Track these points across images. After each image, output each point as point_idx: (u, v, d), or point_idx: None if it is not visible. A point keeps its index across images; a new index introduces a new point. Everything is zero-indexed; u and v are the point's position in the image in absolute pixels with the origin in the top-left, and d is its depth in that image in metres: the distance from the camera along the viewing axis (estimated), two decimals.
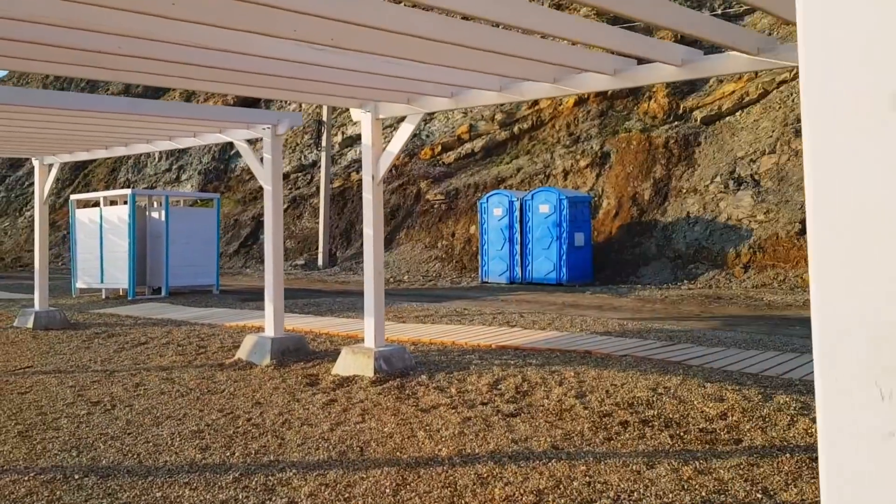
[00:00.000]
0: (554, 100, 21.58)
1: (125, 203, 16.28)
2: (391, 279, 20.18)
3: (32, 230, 40.01)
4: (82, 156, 11.12)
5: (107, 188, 38.15)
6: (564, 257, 16.58)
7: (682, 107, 20.11)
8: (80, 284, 16.41)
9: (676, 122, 19.84)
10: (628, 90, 20.72)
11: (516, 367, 7.41)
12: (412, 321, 11.45)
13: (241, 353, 8.35)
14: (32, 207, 42.92)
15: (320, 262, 23.46)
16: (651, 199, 18.51)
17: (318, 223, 25.22)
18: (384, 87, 6.88)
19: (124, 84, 38.65)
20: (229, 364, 8.22)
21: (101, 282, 15.85)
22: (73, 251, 16.54)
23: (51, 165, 11.74)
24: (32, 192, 44.51)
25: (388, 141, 7.70)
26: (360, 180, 25.48)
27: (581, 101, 21.56)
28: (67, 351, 9.49)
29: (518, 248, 17.40)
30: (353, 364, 7.29)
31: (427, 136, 25.19)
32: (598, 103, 21.33)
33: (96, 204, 16.76)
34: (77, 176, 41.08)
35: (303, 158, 28.49)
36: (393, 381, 6.98)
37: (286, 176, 28.55)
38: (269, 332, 8.37)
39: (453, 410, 5.95)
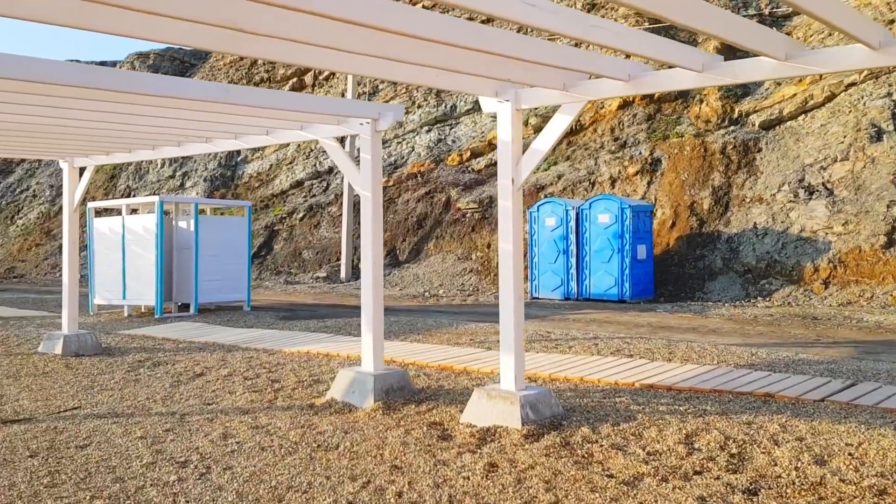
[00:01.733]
0: (594, 103, 20.36)
1: (149, 211, 14.84)
2: (425, 293, 18.84)
3: (26, 238, 38.31)
4: (120, 157, 9.71)
5: (106, 196, 36.42)
6: (627, 271, 15.30)
7: (737, 110, 18.94)
8: (98, 300, 14.93)
9: (732, 127, 18.66)
10: (677, 93, 19.56)
11: (693, 415, 6.09)
12: (497, 348, 10.10)
13: (335, 393, 6.97)
14: (25, 215, 41.23)
15: (343, 274, 22.06)
16: (711, 208, 17.29)
17: (338, 233, 23.84)
18: (533, 68, 5.57)
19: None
20: (322, 406, 6.85)
21: (124, 298, 14.38)
22: (90, 264, 15.05)
23: (82, 169, 10.32)
24: (25, 199, 42.78)
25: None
26: (383, 188, 24.10)
27: (626, 104, 20.35)
28: (114, 385, 8.06)
29: (574, 260, 16.10)
30: (491, 411, 5.94)
31: (454, 142, 23.89)
32: (645, 106, 20.14)
33: (105, 210, 15.28)
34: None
35: (318, 165, 27.10)
36: (549, 436, 5.64)
37: (300, 183, 27.16)
38: (368, 366, 7.00)
39: (666, 484, 4.62)
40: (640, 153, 19.11)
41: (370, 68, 5.40)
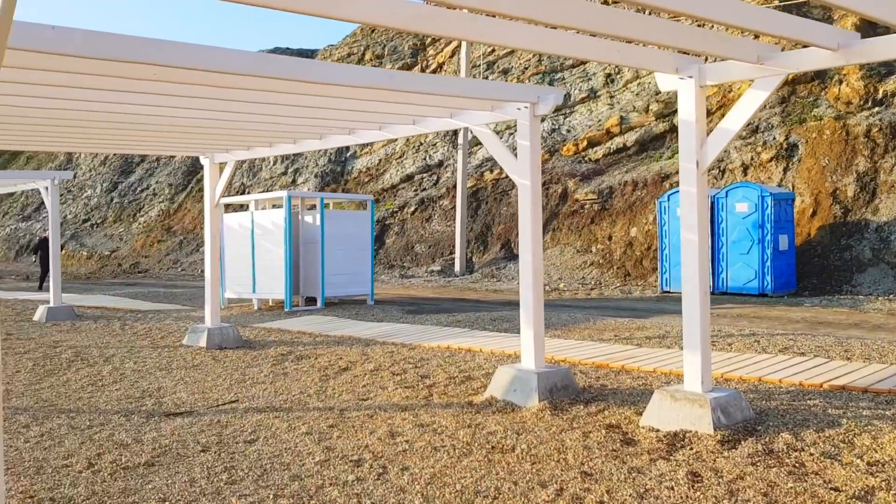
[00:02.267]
0: (721, 86, 19.32)
1: (274, 206, 15.02)
2: (546, 287, 18.38)
3: (148, 235, 40.12)
4: (261, 152, 9.74)
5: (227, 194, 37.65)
6: (768, 263, 14.38)
7: (881, 90, 17.54)
8: (228, 294, 15.24)
9: (877, 109, 17.30)
10: (813, 74, 18.30)
11: None
12: (648, 344, 9.58)
13: (495, 391, 6.67)
14: (146, 213, 43.21)
15: (457, 268, 21.86)
16: (856, 195, 16.07)
17: (450, 227, 23.68)
18: (721, 39, 5.06)
19: None
20: (482, 404, 6.55)
21: (254, 291, 14.61)
22: (220, 259, 15.38)
23: (223, 164, 10.44)
24: (146, 197, 44.83)
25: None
26: (495, 180, 23.75)
27: None
28: (264, 378, 8.05)
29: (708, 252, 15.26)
30: (676, 415, 5.48)
31: (568, 131, 23.28)
32: (778, 89, 18.94)
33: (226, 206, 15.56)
34: (190, 181, 40.97)
35: (428, 158, 27.03)
36: (747, 442, 5.14)
37: (410, 177, 27.17)
38: (529, 363, 6.66)
39: None
40: (775, 138, 17.99)
41: (546, 43, 5.03)
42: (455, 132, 25.53)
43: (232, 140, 9.21)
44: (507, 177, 23.34)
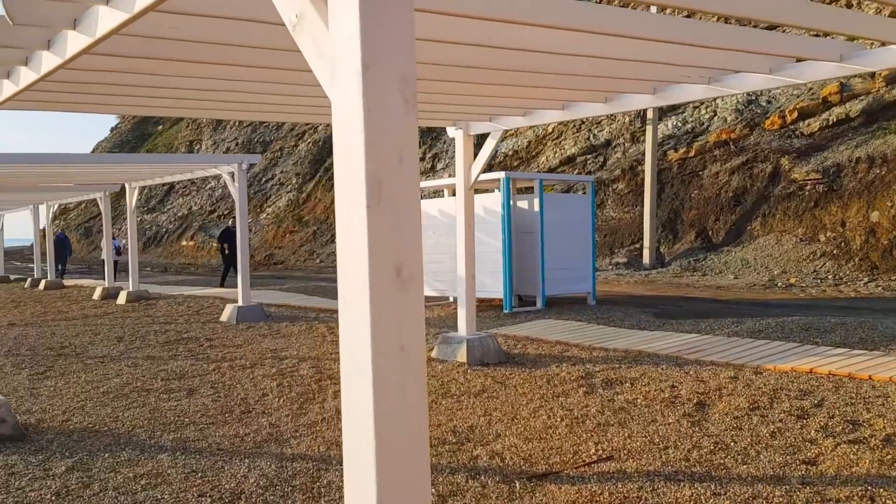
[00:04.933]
0: None
1: (487, 191, 13.03)
2: (768, 282, 15.73)
3: (279, 226, 39.26)
4: (515, 122, 7.64)
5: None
6: None
7: None
8: (427, 291, 13.36)
9: None
10: None
11: None
12: None
13: None
14: (273, 203, 42.48)
15: (646, 259, 19.40)
16: None
17: (628, 213, 21.21)
18: None
19: None
20: None
21: None
22: None
23: (482, 136, 8.43)
24: (272, 187, 44.18)
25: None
26: (681, 160, 21.08)
27: None
28: (599, 416, 5.95)
29: None
30: None
31: (769, 102, 20.38)
32: None
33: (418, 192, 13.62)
34: (317, 169, 39.88)
35: (592, 138, 24.60)
36: None
37: (571, 159, 24.82)
38: None
39: None
40: None
41: None
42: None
43: (499, 105, 7.17)
44: (696, 155, 20.68)
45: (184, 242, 45.79)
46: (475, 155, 8.38)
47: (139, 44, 4.31)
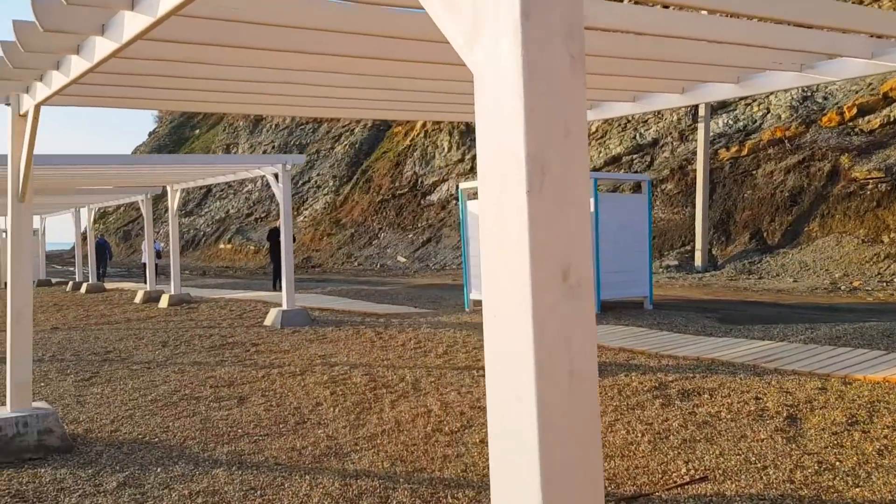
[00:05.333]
0: None
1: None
2: (830, 285, 15.03)
3: (316, 229, 39.12)
4: (619, 110, 7.17)
5: (392, 183, 35.94)
6: None
7: None
8: (475, 295, 12.95)
9: None
10: None
11: None
12: None
13: None
14: (310, 205, 42.36)
15: (698, 262, 18.76)
16: None
17: (677, 214, 20.59)
18: None
19: None
20: None
21: None
22: (464, 253, 13.13)
23: None
24: (308, 190, 44.12)
25: None
26: (733, 159, 20.37)
27: None
28: (681, 431, 5.47)
29: None
30: None
31: (825, 98, 19.62)
32: None
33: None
34: (354, 172, 39.68)
35: (638, 137, 23.99)
36: None
37: (616, 159, 24.23)
38: None
39: None
40: None
41: None
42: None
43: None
44: (748, 153, 19.99)
45: (221, 245, 45.97)
46: None
47: (199, 27, 3.96)
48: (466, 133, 32.16)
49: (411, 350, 9.32)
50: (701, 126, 18.77)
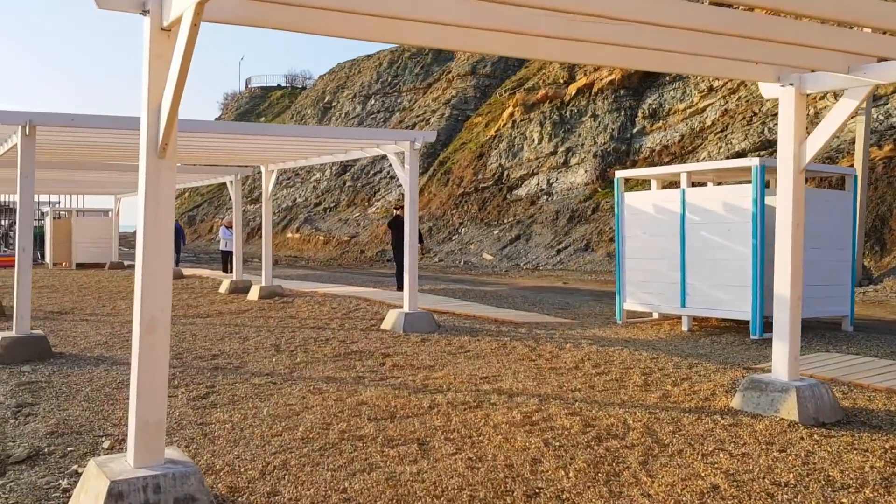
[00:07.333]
0: None
1: (693, 185, 10.51)
2: None
3: (388, 220, 37.42)
4: (891, 72, 5.03)
5: (475, 176, 33.85)
6: None
7: None
8: (631, 305, 10.90)
9: None
10: None
11: None
12: None
13: None
14: (383, 197, 40.65)
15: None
16: None
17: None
18: None
19: None
20: None
21: (682, 305, 10.12)
22: (618, 253, 11.09)
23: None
24: (380, 181, 42.47)
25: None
26: (886, 158, 17.80)
27: None
28: None
29: None
30: None
31: None
32: None
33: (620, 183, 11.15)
34: (431, 163, 37.82)
35: (766, 131, 21.55)
36: None
37: (740, 155, 21.81)
38: None
39: None
40: None
41: None
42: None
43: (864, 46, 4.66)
44: None
45: (289, 234, 44.69)
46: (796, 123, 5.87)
47: None
48: (560, 124, 30.00)
49: (593, 376, 7.34)
50: (860, 120, 16.32)
